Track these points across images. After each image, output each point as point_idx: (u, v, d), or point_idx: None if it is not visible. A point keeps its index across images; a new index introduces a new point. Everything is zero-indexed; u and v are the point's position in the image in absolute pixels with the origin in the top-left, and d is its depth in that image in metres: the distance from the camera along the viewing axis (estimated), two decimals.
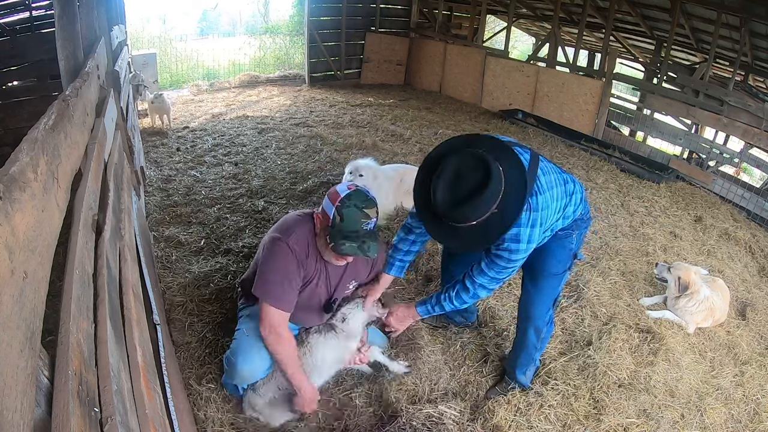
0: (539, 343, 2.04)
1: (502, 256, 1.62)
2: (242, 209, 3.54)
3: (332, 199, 1.64)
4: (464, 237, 1.52)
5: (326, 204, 1.65)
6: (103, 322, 1.05)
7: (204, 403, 1.88)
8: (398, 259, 1.95)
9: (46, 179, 0.90)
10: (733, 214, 4.44)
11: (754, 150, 5.18)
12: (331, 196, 1.65)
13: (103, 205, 1.52)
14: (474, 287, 1.73)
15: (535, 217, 1.57)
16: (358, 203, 1.62)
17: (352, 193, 1.63)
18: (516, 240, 1.58)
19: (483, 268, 1.69)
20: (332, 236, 1.60)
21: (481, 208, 1.43)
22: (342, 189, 1.65)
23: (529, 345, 2.03)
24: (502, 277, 1.70)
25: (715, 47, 5.28)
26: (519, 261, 1.64)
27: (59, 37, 1.93)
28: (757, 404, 2.20)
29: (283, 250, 1.67)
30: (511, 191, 1.45)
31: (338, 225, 1.60)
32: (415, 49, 8.60)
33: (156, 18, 14.28)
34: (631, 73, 7.63)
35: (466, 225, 1.48)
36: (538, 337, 2.01)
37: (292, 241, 1.68)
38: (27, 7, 4.37)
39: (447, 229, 1.53)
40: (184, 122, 5.84)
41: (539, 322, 1.97)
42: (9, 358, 0.60)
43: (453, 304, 1.78)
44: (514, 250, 1.60)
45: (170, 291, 2.53)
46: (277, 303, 1.65)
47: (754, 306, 2.94)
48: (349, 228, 1.60)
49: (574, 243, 1.85)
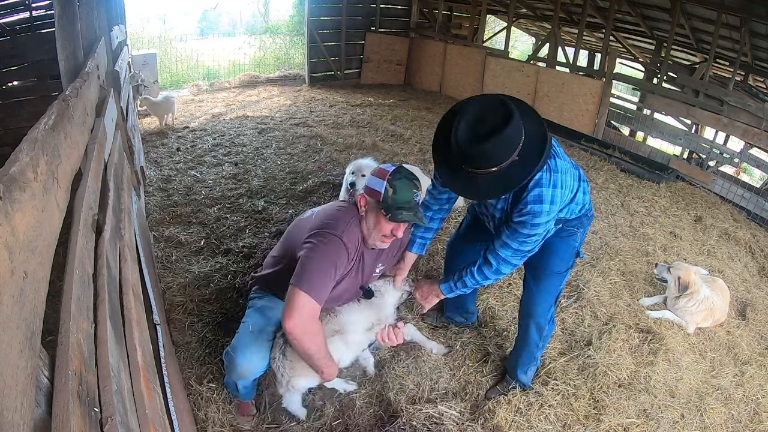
0: (541, 341, 2.05)
1: (525, 222, 1.57)
2: (242, 209, 3.54)
3: (381, 176, 1.63)
4: (483, 185, 1.48)
5: (373, 182, 1.64)
6: (103, 322, 1.05)
7: (204, 403, 1.88)
8: (419, 237, 1.96)
9: (46, 179, 0.90)
10: (733, 214, 4.44)
11: (754, 150, 5.18)
12: (378, 174, 1.64)
13: (103, 205, 1.52)
14: (497, 262, 1.69)
15: (556, 178, 1.54)
16: (407, 175, 1.63)
17: (399, 167, 1.65)
18: (539, 201, 1.53)
19: (505, 240, 1.65)
20: (387, 209, 1.59)
21: (502, 149, 1.39)
22: (387, 166, 1.66)
23: (531, 343, 2.04)
24: (526, 250, 1.65)
25: (715, 47, 5.28)
26: (541, 228, 1.59)
27: (59, 37, 1.93)
28: (757, 404, 2.20)
29: (335, 245, 1.59)
30: (531, 142, 1.43)
31: (391, 197, 1.59)
32: (415, 49, 8.60)
33: (156, 18, 14.29)
34: (631, 73, 7.63)
35: (485, 172, 1.44)
36: (540, 334, 2.02)
37: (346, 236, 1.62)
38: (27, 7, 4.37)
39: (466, 178, 1.50)
40: (184, 122, 5.84)
41: (541, 320, 1.98)
42: (9, 358, 0.60)
43: (475, 279, 1.75)
44: (537, 213, 1.54)
45: (170, 291, 2.53)
46: (317, 294, 1.53)
47: (754, 306, 2.94)
48: (403, 199, 1.59)
49: (578, 241, 1.86)
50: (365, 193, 1.66)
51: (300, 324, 1.50)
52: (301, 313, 1.50)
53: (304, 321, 1.51)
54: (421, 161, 4.74)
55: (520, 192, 1.56)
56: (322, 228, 1.63)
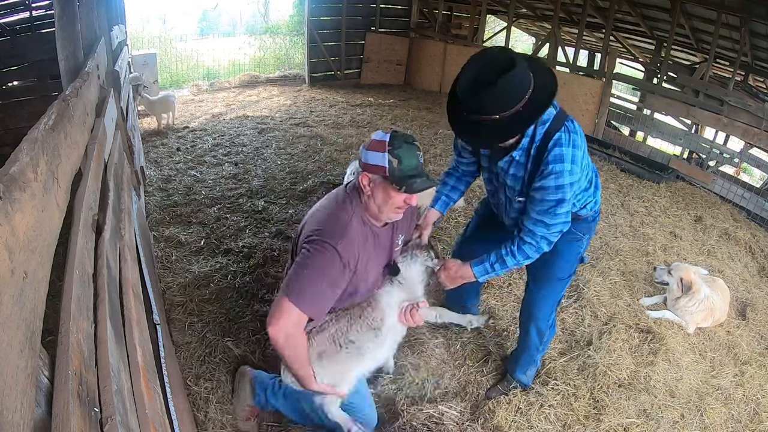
0: (541, 345, 2.04)
1: (549, 187, 1.49)
2: (242, 209, 3.54)
3: (379, 148, 1.45)
4: (486, 133, 1.45)
5: (373, 156, 1.46)
6: (103, 322, 1.05)
7: (204, 403, 1.88)
8: (444, 194, 1.89)
9: (46, 179, 0.90)
10: (733, 214, 4.44)
11: (754, 150, 5.17)
12: (375, 146, 1.46)
13: (103, 205, 1.52)
14: (536, 240, 1.59)
15: (575, 138, 1.48)
16: (406, 140, 1.47)
17: (394, 134, 1.48)
18: (560, 159, 1.46)
19: (535, 217, 1.56)
20: (398, 181, 1.44)
21: (500, 97, 1.37)
22: (380, 135, 1.48)
23: (531, 346, 2.03)
24: (558, 222, 1.55)
25: (715, 47, 5.28)
26: (567, 193, 1.50)
27: (59, 37, 1.93)
28: (757, 404, 2.20)
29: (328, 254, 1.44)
30: (539, 95, 1.39)
31: (398, 168, 1.43)
32: (415, 49, 8.59)
33: (156, 18, 14.27)
34: (631, 73, 7.63)
35: (489, 119, 1.41)
36: (541, 339, 2.01)
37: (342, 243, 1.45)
38: (27, 7, 4.36)
39: (470, 126, 1.47)
40: (184, 122, 5.84)
41: (542, 324, 1.97)
42: (9, 358, 0.60)
43: (516, 260, 1.64)
44: (559, 173, 1.47)
45: (170, 291, 2.53)
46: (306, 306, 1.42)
47: (754, 306, 2.94)
48: (410, 166, 1.45)
49: (583, 247, 1.84)
50: (366, 171, 1.49)
51: (283, 332, 1.42)
52: (285, 321, 1.41)
53: (287, 329, 1.42)
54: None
55: (539, 156, 1.51)
56: (316, 234, 1.48)
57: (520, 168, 1.59)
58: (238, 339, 2.23)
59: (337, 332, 1.59)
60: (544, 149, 1.49)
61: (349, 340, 1.59)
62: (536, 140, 1.52)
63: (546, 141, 1.49)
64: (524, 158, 1.56)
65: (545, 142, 1.49)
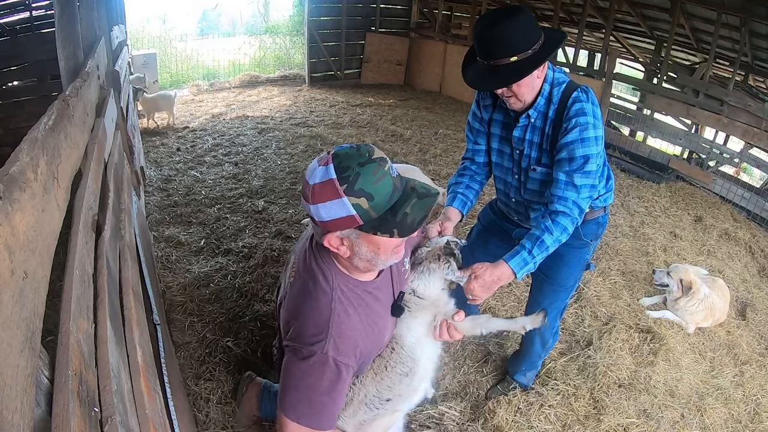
0: (544, 351, 2.03)
1: (575, 141, 1.41)
2: (242, 209, 3.54)
3: (330, 195, 1.03)
4: (502, 74, 1.39)
5: (327, 210, 1.05)
6: (103, 322, 1.05)
7: (204, 403, 1.88)
8: (460, 192, 1.71)
9: (46, 179, 0.90)
10: (733, 214, 4.44)
11: (754, 150, 5.17)
12: (323, 194, 1.04)
13: (103, 205, 1.52)
14: (568, 207, 1.45)
15: (593, 98, 1.45)
16: (357, 158, 1.05)
17: (336, 157, 1.06)
18: (582, 113, 1.41)
19: (563, 180, 1.45)
20: (383, 227, 1.06)
21: (515, 33, 1.34)
22: (321, 173, 1.06)
23: (533, 354, 2.02)
24: (587, 185, 1.45)
25: (715, 47, 5.27)
26: (593, 149, 1.42)
27: (59, 37, 1.93)
28: (757, 404, 2.20)
29: (318, 366, 1.12)
30: (550, 44, 1.39)
31: (371, 209, 1.04)
32: (415, 49, 8.60)
33: (156, 18, 14.27)
34: (631, 73, 7.63)
35: (504, 62, 1.37)
36: (543, 346, 2.00)
37: (331, 343, 1.13)
38: (27, 7, 4.36)
39: (487, 71, 1.42)
40: (184, 122, 5.84)
41: (546, 333, 1.94)
42: (9, 358, 0.60)
43: (554, 236, 1.44)
44: (584, 126, 1.40)
45: (170, 291, 2.53)
46: (312, 422, 1.13)
47: (754, 306, 2.94)
48: (386, 193, 1.04)
49: (590, 254, 1.79)
50: (329, 231, 1.08)
51: None
52: None
53: None
54: (421, 161, 4.74)
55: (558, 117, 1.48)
56: (297, 341, 1.14)
57: (536, 133, 1.53)
58: (238, 339, 2.23)
59: (367, 396, 1.34)
60: (563, 109, 1.45)
61: (384, 400, 1.35)
62: (554, 101, 1.48)
63: (564, 101, 1.46)
64: (541, 122, 1.51)
65: (563, 102, 1.46)
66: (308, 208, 1.08)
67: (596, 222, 1.74)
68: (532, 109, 1.49)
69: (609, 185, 1.69)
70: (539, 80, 1.46)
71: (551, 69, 1.49)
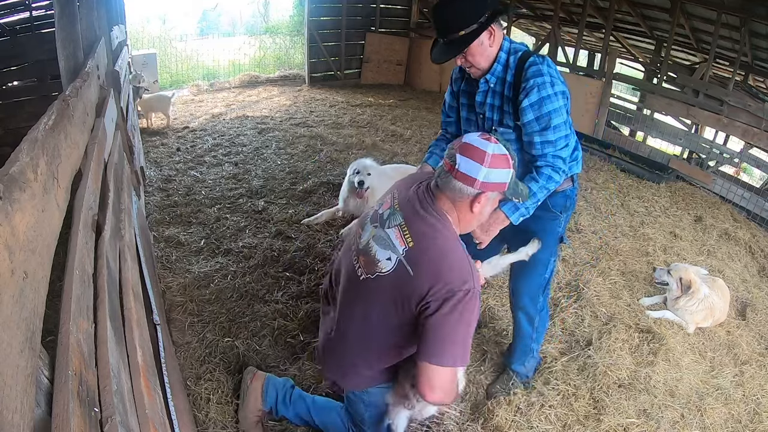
0: (534, 332, 2.03)
1: (534, 102, 1.53)
2: (242, 209, 3.54)
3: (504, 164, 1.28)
4: (455, 45, 1.55)
5: (497, 174, 1.27)
6: (103, 322, 1.05)
7: (204, 403, 1.88)
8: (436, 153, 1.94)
9: (46, 179, 0.90)
10: (733, 214, 4.44)
11: (754, 150, 5.17)
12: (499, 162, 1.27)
13: (103, 205, 1.52)
14: (547, 161, 1.59)
15: (549, 61, 1.57)
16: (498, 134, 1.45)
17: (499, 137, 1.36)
18: (538, 74, 1.54)
19: (537, 141, 1.58)
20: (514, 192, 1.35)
21: (464, 9, 1.50)
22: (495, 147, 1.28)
23: (524, 335, 2.04)
24: (560, 137, 1.57)
25: (715, 47, 5.27)
26: (556, 103, 1.54)
27: (59, 37, 1.93)
28: (757, 404, 2.20)
29: (474, 302, 1.26)
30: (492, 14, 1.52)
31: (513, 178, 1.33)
32: (415, 49, 8.59)
33: (156, 18, 14.26)
34: (631, 73, 7.63)
35: (455, 36, 1.54)
36: (532, 325, 2.01)
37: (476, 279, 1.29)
38: (27, 7, 4.36)
39: (444, 46, 1.59)
40: (184, 122, 5.84)
41: (530, 309, 1.97)
42: (9, 358, 0.60)
43: (539, 184, 1.59)
44: (541, 84, 1.52)
45: (170, 291, 2.53)
46: (460, 361, 1.27)
47: (754, 306, 2.94)
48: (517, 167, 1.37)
49: (561, 226, 1.85)
50: (485, 190, 1.29)
51: (445, 396, 1.29)
52: (444, 387, 1.26)
53: (448, 391, 1.28)
54: (421, 161, 4.74)
55: (516, 81, 1.60)
56: (457, 285, 1.24)
57: (496, 97, 1.66)
58: (238, 339, 2.23)
59: None
60: (520, 72, 1.58)
61: None
62: (511, 67, 1.60)
63: (521, 65, 1.58)
64: (500, 87, 1.64)
65: (520, 67, 1.58)
66: (478, 169, 1.27)
67: (564, 195, 1.80)
68: (489, 74, 1.63)
69: (575, 155, 1.75)
70: (492, 48, 1.59)
71: (507, 40, 1.63)
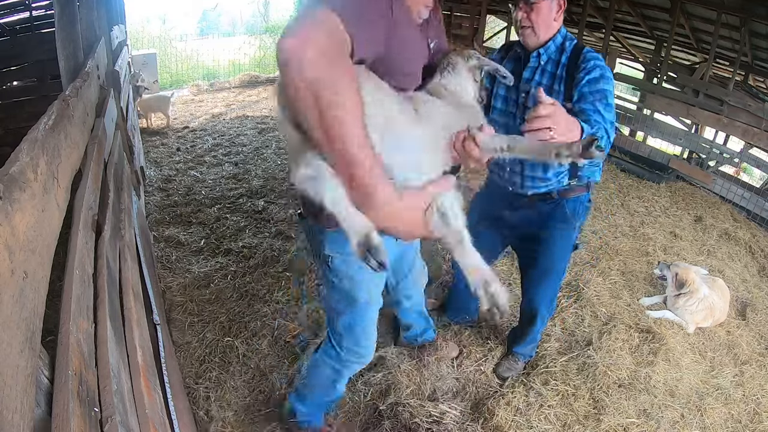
0: (543, 326, 2.15)
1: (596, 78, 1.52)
2: (242, 209, 3.54)
3: None
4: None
5: None
6: (103, 322, 1.05)
7: (204, 402, 1.88)
8: None
9: (46, 179, 0.90)
10: (733, 214, 4.43)
11: (754, 150, 5.17)
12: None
13: (103, 205, 1.52)
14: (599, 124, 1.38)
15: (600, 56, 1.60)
16: None
17: None
18: (599, 59, 1.57)
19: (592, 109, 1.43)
20: None
21: None
22: None
23: (536, 332, 2.14)
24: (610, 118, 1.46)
25: (715, 47, 5.27)
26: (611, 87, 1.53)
27: (59, 37, 1.93)
28: (757, 404, 2.20)
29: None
30: None
31: None
32: None
33: (156, 18, 14.29)
34: (631, 73, 7.63)
35: None
36: (543, 323, 2.11)
37: None
38: (27, 7, 4.36)
39: None
40: (184, 122, 5.84)
41: (545, 313, 2.05)
42: (9, 358, 0.60)
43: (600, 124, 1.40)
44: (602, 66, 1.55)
45: (170, 291, 2.53)
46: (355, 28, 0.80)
47: (754, 306, 2.93)
48: None
49: (575, 236, 1.89)
50: None
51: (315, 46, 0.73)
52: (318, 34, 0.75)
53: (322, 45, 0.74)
54: None
55: (570, 63, 1.59)
56: None
57: (546, 76, 1.64)
58: (238, 339, 2.23)
59: None
60: (576, 57, 1.58)
61: None
62: (567, 51, 1.61)
63: (577, 52, 1.59)
64: (552, 67, 1.62)
65: (577, 52, 1.59)
66: None
67: (580, 201, 1.81)
68: (543, 48, 1.62)
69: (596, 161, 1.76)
70: (556, 23, 1.61)
71: (564, 29, 1.66)
